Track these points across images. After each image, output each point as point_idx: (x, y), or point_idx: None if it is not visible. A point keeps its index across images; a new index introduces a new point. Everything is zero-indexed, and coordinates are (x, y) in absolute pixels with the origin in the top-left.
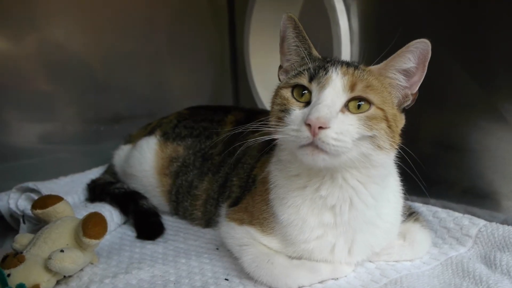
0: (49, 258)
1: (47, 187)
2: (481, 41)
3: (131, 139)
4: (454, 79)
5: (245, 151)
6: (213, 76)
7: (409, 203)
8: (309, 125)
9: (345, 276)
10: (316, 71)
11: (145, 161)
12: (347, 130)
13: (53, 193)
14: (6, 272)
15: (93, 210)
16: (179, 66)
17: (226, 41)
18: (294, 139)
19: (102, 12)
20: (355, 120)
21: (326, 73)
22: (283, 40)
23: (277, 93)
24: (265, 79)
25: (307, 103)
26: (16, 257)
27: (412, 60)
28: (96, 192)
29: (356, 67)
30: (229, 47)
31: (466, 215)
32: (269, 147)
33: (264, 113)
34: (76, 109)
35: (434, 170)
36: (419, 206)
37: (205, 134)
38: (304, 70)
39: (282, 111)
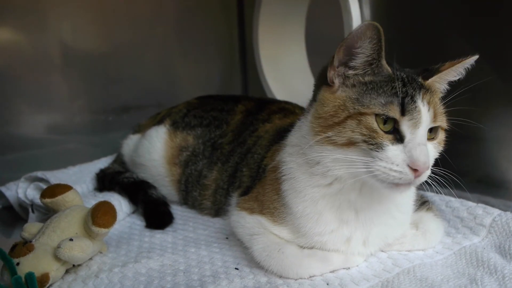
0: (58, 247)
1: (55, 177)
2: (497, 28)
3: (140, 129)
4: (470, 68)
5: (255, 141)
6: (222, 67)
7: (422, 192)
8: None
9: (357, 265)
10: (404, 101)
11: (154, 151)
12: (431, 162)
13: (61, 183)
14: (15, 261)
15: (102, 199)
16: (188, 57)
17: (235, 32)
18: (393, 179)
19: (111, 3)
20: (433, 149)
21: (415, 106)
22: (350, 46)
23: (355, 117)
24: (274, 69)
25: (393, 133)
26: (25, 246)
27: (462, 74)
28: (105, 181)
29: (425, 88)
30: (238, 38)
31: (480, 205)
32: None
33: (274, 102)
34: (85, 99)
35: (447, 159)
36: (432, 195)
37: (215, 124)
38: (392, 96)
39: (370, 144)
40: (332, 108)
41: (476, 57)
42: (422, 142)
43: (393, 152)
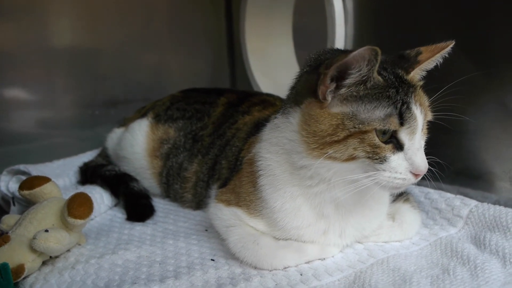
0: (34, 238)
1: (38, 170)
2: (480, 17)
3: (125, 122)
4: (450, 58)
5: (234, 133)
6: (210, 60)
7: None
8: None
9: (332, 256)
10: (402, 111)
11: (136, 143)
12: None
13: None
14: None
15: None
16: (176, 51)
17: (222, 26)
18: (396, 185)
19: None
20: (422, 141)
21: (412, 113)
22: (346, 67)
23: (356, 136)
24: (261, 63)
25: (391, 141)
26: (1, 237)
27: (440, 61)
28: (87, 174)
29: (412, 86)
30: (225, 32)
31: (458, 196)
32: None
33: (256, 94)
34: (73, 93)
35: (426, 151)
36: (411, 188)
37: (197, 116)
38: (389, 107)
39: (375, 158)
40: (329, 127)
41: (452, 43)
42: (419, 146)
43: (396, 162)
